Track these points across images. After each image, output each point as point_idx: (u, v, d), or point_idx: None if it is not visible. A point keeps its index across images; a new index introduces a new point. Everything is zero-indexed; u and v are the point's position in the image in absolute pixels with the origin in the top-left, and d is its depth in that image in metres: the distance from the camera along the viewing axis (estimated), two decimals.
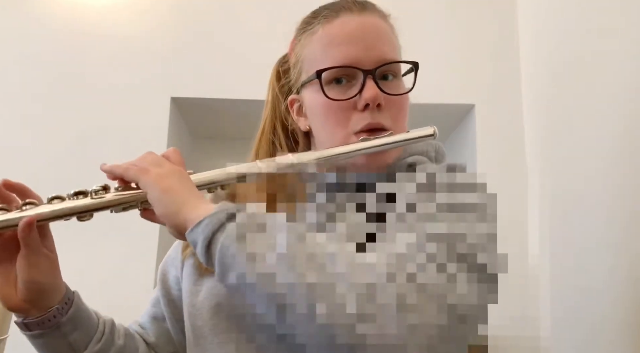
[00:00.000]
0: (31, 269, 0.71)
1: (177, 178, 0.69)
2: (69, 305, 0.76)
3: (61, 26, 1.99)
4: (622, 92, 1.33)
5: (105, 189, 0.72)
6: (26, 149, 1.88)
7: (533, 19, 1.94)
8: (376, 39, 0.79)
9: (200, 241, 0.62)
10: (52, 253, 0.74)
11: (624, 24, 1.35)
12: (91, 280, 1.49)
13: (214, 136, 2.31)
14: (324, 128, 0.81)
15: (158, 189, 0.67)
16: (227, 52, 1.99)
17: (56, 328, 0.75)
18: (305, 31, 0.83)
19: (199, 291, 0.81)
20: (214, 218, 0.62)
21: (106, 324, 0.83)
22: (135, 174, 0.70)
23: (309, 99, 0.82)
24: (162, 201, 0.67)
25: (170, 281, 0.91)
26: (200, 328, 0.79)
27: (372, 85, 0.76)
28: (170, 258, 0.92)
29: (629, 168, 1.28)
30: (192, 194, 0.68)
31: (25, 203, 0.71)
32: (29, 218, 0.68)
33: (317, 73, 0.78)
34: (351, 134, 0.78)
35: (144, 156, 0.73)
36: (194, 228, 0.63)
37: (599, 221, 1.39)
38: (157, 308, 0.92)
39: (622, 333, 1.26)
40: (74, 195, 0.71)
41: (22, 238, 0.69)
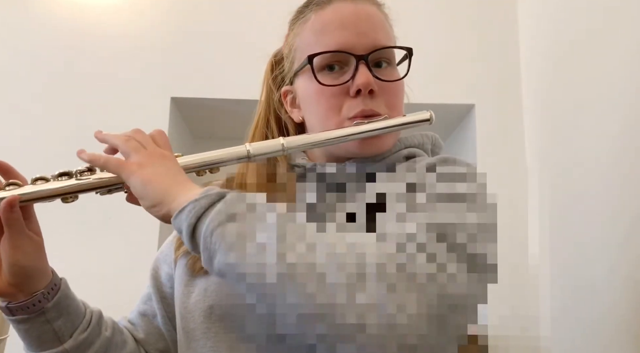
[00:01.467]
0: (15, 251, 0.69)
1: (160, 164, 0.67)
2: (55, 290, 0.74)
3: (61, 26, 1.99)
4: (622, 92, 1.33)
5: (90, 170, 0.70)
6: (26, 149, 1.88)
7: (533, 19, 1.94)
8: (369, 25, 0.78)
9: (185, 228, 0.60)
10: (38, 235, 0.73)
11: (624, 24, 1.35)
12: (90, 277, 1.49)
13: (214, 136, 2.31)
14: (316, 115, 0.79)
15: (140, 180, 0.65)
16: (227, 52, 1.99)
17: (41, 313, 0.73)
18: (298, 20, 0.82)
19: (191, 292, 0.79)
20: (197, 203, 0.60)
21: (93, 314, 0.81)
22: (116, 167, 0.68)
23: (301, 88, 0.81)
24: (145, 192, 0.65)
25: (162, 278, 0.89)
26: (192, 331, 0.77)
27: (365, 71, 0.75)
28: (163, 255, 0.90)
29: (629, 167, 1.27)
30: (175, 181, 0.65)
31: (9, 184, 0.69)
32: (10, 198, 0.67)
33: (309, 58, 0.77)
34: (344, 120, 0.76)
35: (131, 133, 0.71)
36: (178, 215, 0.61)
37: (598, 220, 1.39)
38: (147, 305, 0.90)
39: (622, 333, 1.26)
40: (59, 176, 0.70)
41: (4, 218, 0.67)
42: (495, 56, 2.02)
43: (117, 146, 0.70)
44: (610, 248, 1.33)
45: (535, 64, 1.91)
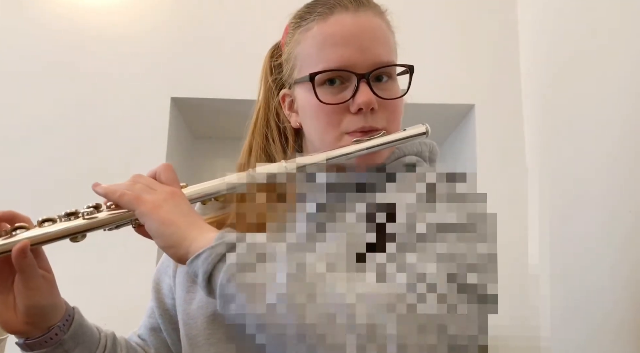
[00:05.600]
0: (30, 293, 0.70)
1: (173, 204, 0.68)
2: (69, 321, 0.75)
3: (61, 26, 1.99)
4: (622, 92, 1.33)
5: (96, 208, 0.71)
6: (26, 149, 1.88)
7: (533, 18, 1.94)
8: (371, 40, 0.77)
9: (201, 274, 0.62)
10: (49, 272, 0.73)
11: (623, 24, 1.35)
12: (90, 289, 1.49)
13: (214, 136, 2.31)
14: (315, 128, 0.80)
15: (156, 221, 0.66)
16: (227, 52, 1.99)
17: (58, 345, 0.74)
18: (300, 27, 0.81)
19: (193, 299, 0.79)
20: (213, 250, 0.61)
21: (107, 338, 0.81)
22: (130, 202, 0.68)
23: (301, 98, 0.81)
24: (162, 234, 0.66)
25: (164, 291, 0.89)
26: (195, 337, 0.77)
27: (366, 89, 0.75)
28: (164, 266, 0.91)
29: (629, 167, 1.27)
30: (191, 224, 0.66)
31: (16, 228, 0.69)
32: (22, 244, 0.67)
33: (311, 76, 0.76)
34: (343, 134, 0.77)
35: (134, 179, 0.72)
36: (194, 260, 0.63)
37: (598, 221, 1.39)
38: (152, 318, 0.90)
39: (622, 333, 1.26)
40: (66, 216, 0.70)
41: (18, 265, 0.68)
42: (495, 56, 2.02)
43: (128, 190, 0.70)
44: (610, 248, 1.33)
45: (535, 64, 1.91)
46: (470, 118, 2.02)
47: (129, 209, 0.69)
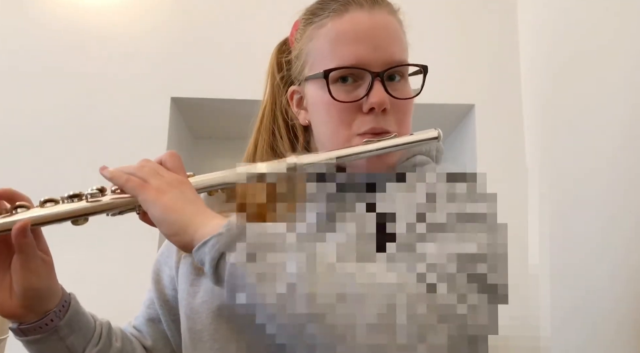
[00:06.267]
0: (28, 274, 0.68)
1: (179, 191, 0.66)
2: (65, 308, 0.74)
3: (61, 26, 1.99)
4: (622, 91, 1.33)
5: (101, 191, 0.69)
6: (26, 149, 1.88)
7: (533, 19, 1.94)
8: (386, 38, 0.77)
9: (208, 262, 0.60)
10: (47, 255, 0.72)
11: (623, 24, 1.35)
12: (90, 282, 1.48)
13: (214, 136, 2.31)
14: (326, 127, 0.78)
15: (160, 208, 0.65)
16: (226, 52, 1.99)
17: (53, 332, 0.72)
18: (312, 23, 0.80)
19: (197, 292, 0.78)
20: (221, 238, 0.60)
21: (103, 327, 0.80)
22: (135, 188, 0.67)
23: (312, 95, 0.80)
24: (166, 220, 0.64)
25: (164, 281, 0.88)
26: (199, 332, 0.76)
27: (380, 89, 0.74)
28: (164, 257, 0.89)
29: (629, 167, 1.27)
30: (196, 211, 0.65)
31: (16, 207, 0.68)
32: (23, 223, 0.65)
33: (325, 73, 0.76)
34: (354, 135, 0.76)
35: (141, 164, 0.70)
36: (201, 247, 0.61)
37: (598, 221, 1.39)
38: (151, 309, 0.89)
39: (622, 333, 1.26)
40: (69, 198, 0.68)
41: (17, 244, 0.66)
42: (495, 56, 2.02)
43: (132, 174, 0.69)
44: (610, 248, 1.33)
45: (535, 64, 1.91)
46: (470, 118, 2.02)
47: (133, 196, 0.68)
